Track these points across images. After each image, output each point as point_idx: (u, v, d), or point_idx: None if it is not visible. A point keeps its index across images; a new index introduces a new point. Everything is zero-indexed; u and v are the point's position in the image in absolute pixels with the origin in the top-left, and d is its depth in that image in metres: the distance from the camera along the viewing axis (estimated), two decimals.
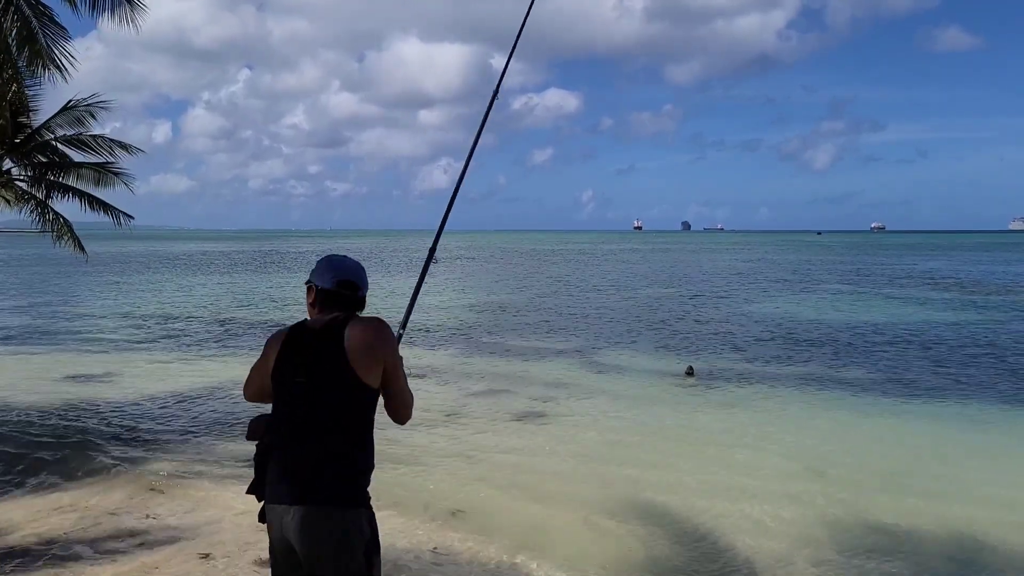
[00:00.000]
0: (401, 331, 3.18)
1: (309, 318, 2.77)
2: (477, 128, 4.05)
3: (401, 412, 2.77)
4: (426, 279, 3.56)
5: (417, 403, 2.86)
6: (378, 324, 2.68)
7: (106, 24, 10.31)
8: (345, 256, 2.86)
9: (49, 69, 9.93)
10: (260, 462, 2.68)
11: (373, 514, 2.60)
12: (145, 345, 17.86)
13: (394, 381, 2.68)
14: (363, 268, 2.87)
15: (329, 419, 2.55)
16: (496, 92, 4.17)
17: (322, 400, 2.56)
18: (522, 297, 30.95)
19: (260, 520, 2.67)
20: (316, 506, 2.49)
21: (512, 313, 25.05)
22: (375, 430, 2.70)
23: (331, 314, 2.69)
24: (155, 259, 63.76)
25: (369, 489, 2.64)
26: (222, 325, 21.71)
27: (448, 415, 10.95)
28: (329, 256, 2.85)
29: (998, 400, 12.24)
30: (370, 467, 2.63)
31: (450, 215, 3.89)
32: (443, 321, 22.50)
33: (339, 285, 2.73)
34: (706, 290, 33.87)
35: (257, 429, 2.72)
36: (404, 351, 2.89)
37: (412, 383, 2.89)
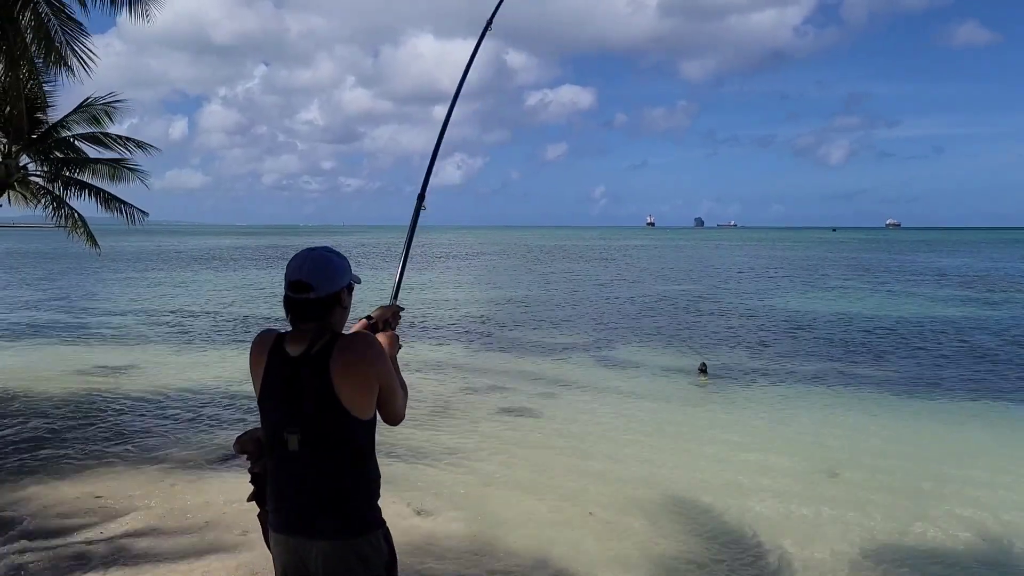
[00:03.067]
0: (395, 303, 3.09)
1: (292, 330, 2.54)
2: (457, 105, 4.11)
3: (393, 417, 2.63)
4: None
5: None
6: (362, 346, 2.48)
7: (125, 20, 10.42)
8: (309, 249, 2.53)
9: (65, 67, 10.01)
10: (257, 480, 2.59)
11: (387, 528, 2.54)
12: (164, 338, 17.96)
13: (388, 395, 2.54)
14: (329, 260, 2.50)
15: (330, 460, 2.43)
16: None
17: (320, 445, 2.42)
18: (533, 293, 30.92)
19: (260, 519, 2.60)
20: (337, 540, 2.42)
21: (523, 309, 25.02)
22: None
23: (303, 326, 2.47)
24: (170, 254, 64.11)
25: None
26: (240, 319, 21.83)
27: (458, 409, 10.89)
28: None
29: (1017, 400, 12.10)
30: (378, 483, 2.55)
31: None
32: (456, 316, 22.55)
33: (290, 288, 2.47)
34: (720, 287, 33.71)
35: (246, 447, 2.60)
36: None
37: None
